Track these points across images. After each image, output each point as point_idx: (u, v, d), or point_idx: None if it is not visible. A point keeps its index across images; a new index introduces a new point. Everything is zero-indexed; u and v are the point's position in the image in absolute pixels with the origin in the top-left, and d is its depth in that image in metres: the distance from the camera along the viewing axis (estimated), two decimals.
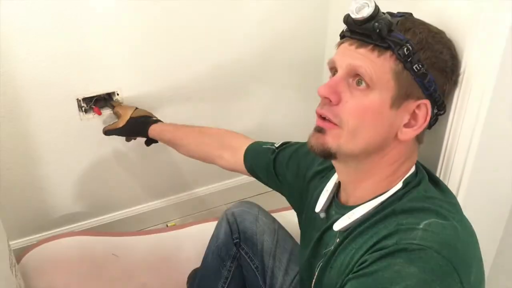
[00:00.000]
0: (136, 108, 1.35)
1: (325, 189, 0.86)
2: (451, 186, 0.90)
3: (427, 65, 0.67)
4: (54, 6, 1.22)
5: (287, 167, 1.01)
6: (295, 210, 1.02)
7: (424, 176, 0.75)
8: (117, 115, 1.36)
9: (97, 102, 1.41)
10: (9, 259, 1.08)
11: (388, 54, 0.67)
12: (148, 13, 1.36)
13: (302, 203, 0.96)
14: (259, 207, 1.25)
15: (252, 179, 1.13)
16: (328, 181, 0.87)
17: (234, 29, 1.52)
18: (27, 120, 1.34)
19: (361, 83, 0.68)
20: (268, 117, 1.76)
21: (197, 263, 1.29)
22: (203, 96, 1.58)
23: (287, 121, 1.79)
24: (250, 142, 1.11)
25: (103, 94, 1.41)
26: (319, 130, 0.73)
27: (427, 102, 0.69)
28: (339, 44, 0.74)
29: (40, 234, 1.54)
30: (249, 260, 1.19)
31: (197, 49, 1.49)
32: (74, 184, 1.52)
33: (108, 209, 1.65)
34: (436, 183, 0.77)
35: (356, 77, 0.69)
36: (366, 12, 0.66)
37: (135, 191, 1.66)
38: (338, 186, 0.85)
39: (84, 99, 1.38)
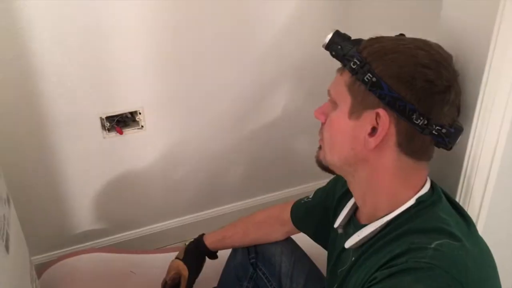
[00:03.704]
0: (176, 258, 1.22)
1: (346, 206, 0.88)
2: (472, 209, 0.89)
3: (379, 74, 0.69)
4: (81, 28, 1.26)
5: (321, 206, 1.02)
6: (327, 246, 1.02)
7: (440, 196, 0.75)
8: (176, 273, 1.20)
9: (118, 122, 1.45)
10: (30, 274, 1.10)
11: (346, 71, 0.74)
12: (172, 36, 1.39)
13: (330, 230, 0.97)
14: None
15: (268, 199, 1.14)
16: (350, 199, 0.88)
17: (252, 52, 1.55)
18: (51, 138, 1.37)
19: (334, 103, 0.77)
20: (288, 134, 1.77)
21: (214, 282, 1.28)
22: (223, 116, 1.61)
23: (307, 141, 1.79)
24: (291, 206, 1.13)
25: (126, 113, 1.44)
26: (319, 147, 0.83)
27: (380, 110, 0.69)
28: None
29: (60, 250, 1.56)
30: (266, 281, 1.18)
31: (218, 70, 1.52)
32: (95, 201, 1.55)
33: (127, 226, 1.66)
34: (452, 203, 0.76)
35: None
36: (328, 38, 0.77)
37: (154, 210, 1.67)
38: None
39: (108, 118, 1.41)
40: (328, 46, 0.77)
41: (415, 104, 0.68)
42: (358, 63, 0.71)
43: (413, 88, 0.68)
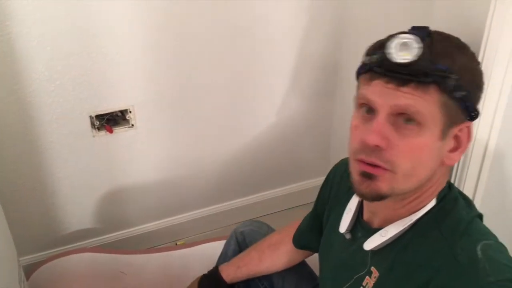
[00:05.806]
0: None
1: (347, 207, 0.82)
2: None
3: (468, 88, 0.63)
4: (71, 26, 1.25)
5: (318, 217, 1.00)
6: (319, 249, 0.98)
7: (457, 192, 0.72)
8: None
9: (108, 121, 1.43)
10: (18, 275, 1.08)
11: (432, 88, 0.62)
12: (164, 33, 1.38)
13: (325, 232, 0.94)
14: (268, 227, 1.24)
15: (262, 198, 1.12)
16: (349, 200, 0.83)
17: (248, 51, 1.54)
18: (40, 136, 1.36)
19: (410, 122, 0.63)
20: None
21: None
22: (218, 114, 1.60)
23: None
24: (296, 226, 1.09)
25: (116, 112, 1.43)
26: (368, 176, 0.66)
27: (469, 124, 0.66)
28: (369, 79, 0.66)
29: (50, 251, 1.55)
30: (257, 280, 1.17)
31: (213, 69, 1.51)
32: (85, 201, 1.53)
33: (118, 226, 1.65)
34: (460, 194, 0.74)
35: (402, 116, 0.63)
36: (415, 53, 0.61)
37: (145, 209, 1.66)
38: (361, 204, 0.81)
39: (97, 116, 1.40)
40: (418, 63, 0.61)
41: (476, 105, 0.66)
42: (456, 78, 0.61)
43: (482, 91, 0.66)
